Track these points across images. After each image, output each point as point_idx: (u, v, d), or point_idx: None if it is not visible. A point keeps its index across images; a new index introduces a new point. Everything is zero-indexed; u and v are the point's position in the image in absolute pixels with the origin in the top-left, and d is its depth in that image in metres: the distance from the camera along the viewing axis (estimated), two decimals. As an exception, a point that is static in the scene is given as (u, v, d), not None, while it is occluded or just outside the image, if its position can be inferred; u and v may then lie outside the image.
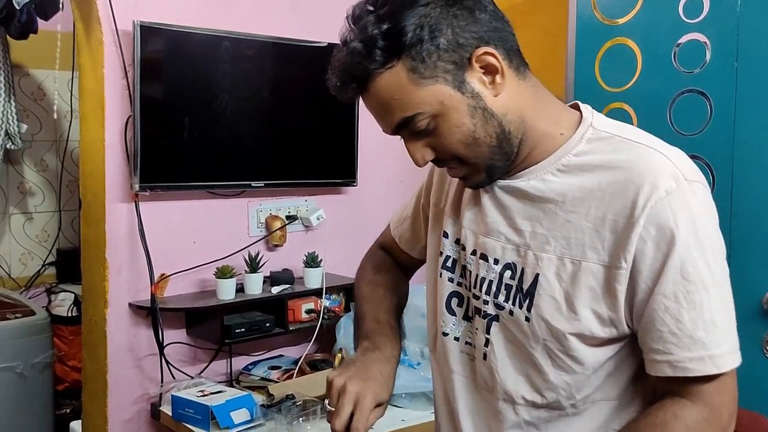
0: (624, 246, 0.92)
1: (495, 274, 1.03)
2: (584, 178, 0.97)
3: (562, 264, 0.97)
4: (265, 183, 2.51)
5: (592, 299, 0.95)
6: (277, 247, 2.61)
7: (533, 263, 0.99)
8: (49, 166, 3.50)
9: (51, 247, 3.51)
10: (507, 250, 1.02)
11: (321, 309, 2.52)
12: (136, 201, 2.26)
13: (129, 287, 2.32)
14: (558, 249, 0.97)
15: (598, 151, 0.97)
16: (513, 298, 1.01)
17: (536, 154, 1.01)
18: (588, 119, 1.01)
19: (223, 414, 2.08)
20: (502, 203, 1.04)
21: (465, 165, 0.99)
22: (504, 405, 1.04)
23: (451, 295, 1.11)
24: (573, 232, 0.96)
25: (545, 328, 0.98)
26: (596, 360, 0.98)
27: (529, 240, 1.00)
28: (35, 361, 2.86)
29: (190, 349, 2.45)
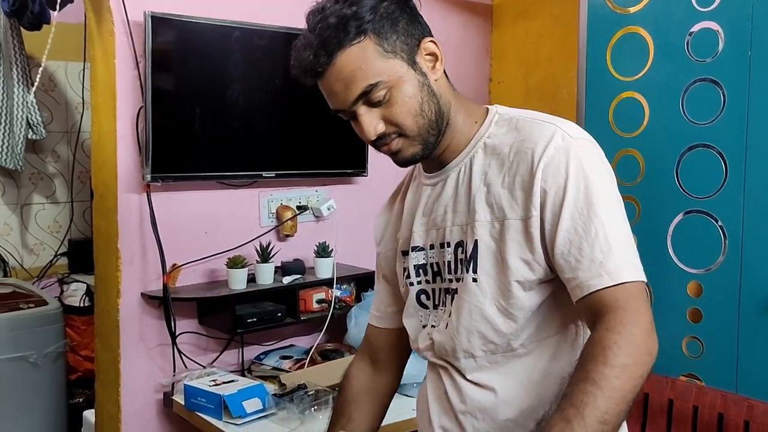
0: (530, 198, 1.09)
1: (451, 255, 1.19)
2: (497, 156, 1.15)
3: (492, 226, 1.13)
4: (275, 173, 2.51)
5: (519, 249, 1.10)
6: (288, 237, 2.61)
7: (471, 233, 1.15)
8: (61, 156, 3.51)
9: (63, 237, 3.53)
10: (455, 231, 1.19)
11: (332, 299, 2.53)
12: (147, 191, 2.27)
13: (141, 277, 2.33)
14: (487, 215, 1.14)
15: (506, 132, 1.16)
16: (465, 267, 1.16)
17: (455, 143, 1.19)
18: (493, 109, 1.21)
19: (235, 403, 2.09)
20: (438, 198, 1.21)
21: (405, 138, 1.13)
22: (465, 361, 1.18)
23: (419, 293, 1.26)
24: (495, 199, 1.13)
25: (492, 282, 1.13)
26: (533, 303, 1.12)
27: (467, 217, 1.17)
28: (48, 351, 2.88)
29: (202, 338, 2.46)
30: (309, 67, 1.10)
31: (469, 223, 1.16)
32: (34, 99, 3.08)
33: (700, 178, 2.17)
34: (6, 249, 3.39)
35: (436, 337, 1.21)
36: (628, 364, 0.97)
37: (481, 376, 1.17)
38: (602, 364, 0.97)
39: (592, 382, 0.96)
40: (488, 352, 1.16)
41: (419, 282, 1.26)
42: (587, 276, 1.04)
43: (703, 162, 2.15)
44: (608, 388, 0.96)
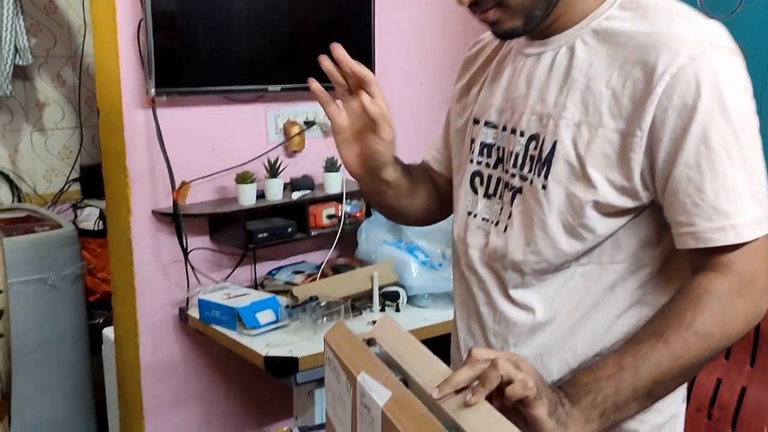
0: (641, 114, 0.91)
1: (521, 147, 1.03)
2: (610, 45, 0.95)
3: (579, 131, 0.96)
4: (282, 87, 2.48)
5: (606, 166, 0.94)
6: (296, 153, 2.60)
7: (552, 131, 0.99)
8: (67, 81, 3.49)
9: (74, 163, 3.54)
10: (532, 121, 1.02)
11: (342, 214, 2.53)
12: (153, 107, 2.25)
13: (151, 195, 2.34)
14: (576, 115, 0.96)
15: (629, 18, 0.95)
16: (534, 168, 1.01)
17: (567, 17, 1.00)
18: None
19: (248, 315, 2.12)
20: (528, 74, 1.04)
21: (505, 9, 0.97)
22: (512, 273, 1.05)
23: (473, 175, 1.12)
24: (592, 99, 0.95)
25: (562, 194, 0.97)
26: (608, 228, 0.97)
27: (552, 109, 0.99)
28: (65, 273, 2.92)
29: (214, 254, 2.48)
30: None
31: (552, 117, 0.99)
32: (22, 23, 3.02)
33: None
34: (19, 176, 3.41)
35: (493, 238, 1.07)
36: (714, 334, 0.89)
37: (523, 293, 1.05)
38: (685, 327, 0.88)
39: (665, 341, 0.88)
40: (539, 271, 1.02)
41: (479, 163, 1.12)
42: (707, 227, 0.89)
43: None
44: (680, 353, 0.88)
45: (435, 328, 2.21)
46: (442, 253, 2.47)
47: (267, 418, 2.69)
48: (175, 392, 2.50)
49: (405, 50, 2.81)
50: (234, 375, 2.58)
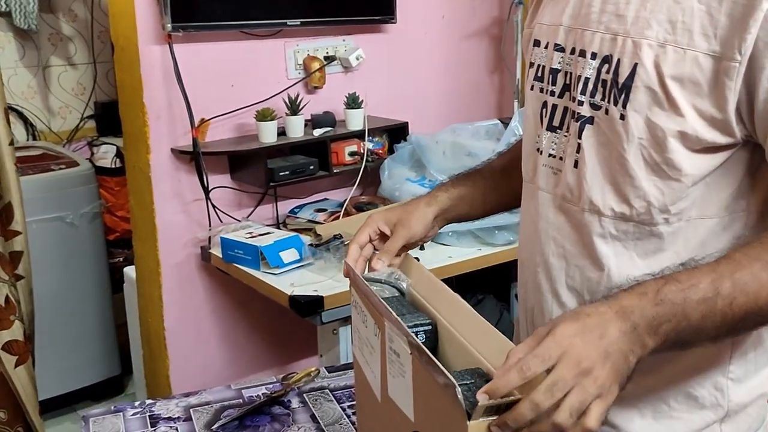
0: (741, 34, 0.78)
1: (592, 70, 0.91)
2: None
3: (664, 52, 0.84)
4: (301, 21, 2.40)
5: (696, 94, 0.83)
6: (317, 89, 2.54)
7: (631, 52, 0.86)
8: (78, 16, 3.40)
9: (88, 100, 3.48)
10: (605, 40, 0.90)
11: (364, 151, 2.48)
12: (169, 42, 2.19)
13: (169, 132, 2.29)
14: (661, 34, 0.84)
15: None
16: (608, 95, 0.89)
17: None
18: None
19: (272, 254, 2.10)
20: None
21: None
22: (589, 216, 0.93)
23: (539, 107, 1.01)
24: (681, 15, 0.83)
25: (642, 125, 0.86)
26: (697, 168, 0.86)
27: (630, 26, 0.87)
28: (84, 211, 2.90)
29: (235, 193, 2.45)
30: None
31: (630, 35, 0.87)
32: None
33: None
34: (32, 112, 3.36)
35: (565, 177, 0.96)
36: None
37: (600, 245, 0.93)
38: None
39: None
40: (618, 217, 0.91)
41: (543, 90, 1.00)
42: None
43: None
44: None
45: (460, 266, 2.19)
46: (467, 191, 2.42)
47: (290, 357, 2.70)
48: (198, 331, 2.51)
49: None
50: (257, 314, 2.58)
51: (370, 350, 0.97)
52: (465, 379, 0.77)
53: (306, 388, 1.39)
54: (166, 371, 2.47)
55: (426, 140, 2.48)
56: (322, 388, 1.39)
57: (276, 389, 1.37)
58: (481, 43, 2.90)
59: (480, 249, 2.25)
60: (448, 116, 2.78)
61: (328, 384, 1.41)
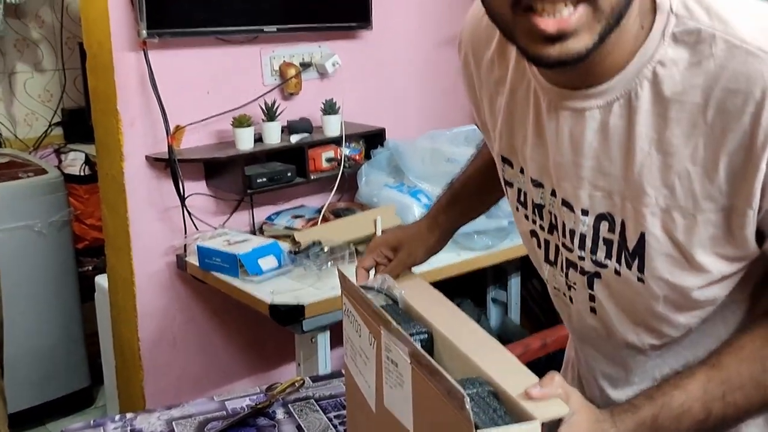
0: (748, 189, 0.74)
1: (587, 227, 0.85)
2: (680, 104, 0.74)
3: (670, 218, 0.78)
4: (277, 28, 2.38)
5: (714, 245, 0.78)
6: (293, 96, 2.53)
7: (634, 217, 0.80)
8: (46, 21, 3.34)
9: (55, 107, 3.42)
10: (595, 198, 0.83)
11: (341, 157, 2.47)
12: (144, 49, 2.15)
13: (144, 140, 2.26)
14: (661, 200, 0.78)
15: (691, 61, 0.74)
16: (617, 256, 0.83)
17: (614, 58, 0.76)
18: (663, 3, 0.75)
19: (251, 261, 2.08)
20: (571, 136, 0.82)
21: (593, 9, 0.69)
22: (627, 351, 0.92)
23: (530, 234, 0.96)
24: (677, 180, 0.76)
25: (665, 286, 0.82)
26: (725, 292, 0.84)
27: (622, 186, 0.80)
28: (52, 220, 2.84)
29: (211, 200, 2.42)
30: None
31: (627, 198, 0.80)
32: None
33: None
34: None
35: (582, 317, 0.93)
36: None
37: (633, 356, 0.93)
38: None
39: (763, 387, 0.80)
40: (658, 348, 0.90)
41: (533, 221, 0.94)
42: None
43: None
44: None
45: (441, 271, 2.18)
46: (445, 196, 2.43)
47: (267, 366, 2.68)
48: (173, 341, 2.46)
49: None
50: (233, 322, 2.55)
51: (364, 360, 0.95)
52: (468, 388, 0.77)
53: (291, 399, 1.37)
54: (140, 382, 2.42)
55: (404, 146, 2.48)
56: (307, 398, 1.38)
57: (260, 400, 1.35)
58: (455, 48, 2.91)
59: (459, 254, 2.25)
60: (425, 122, 2.79)
61: (313, 394, 1.39)
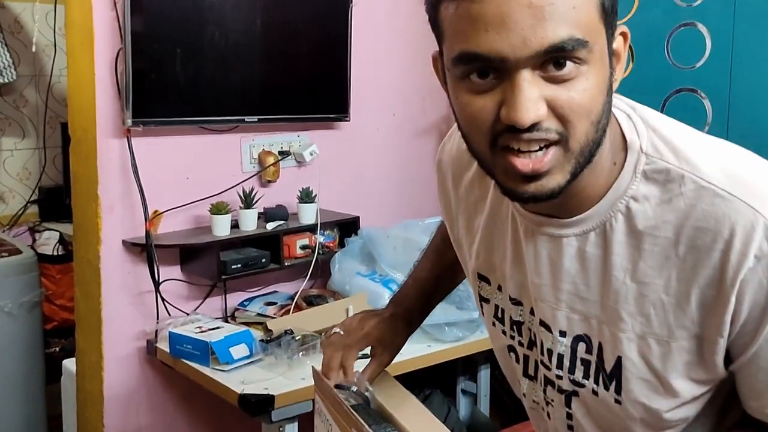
0: (719, 320, 0.78)
1: (565, 348, 0.88)
2: (653, 239, 0.79)
3: (646, 344, 0.82)
4: (258, 118, 2.46)
5: (688, 371, 0.83)
6: (271, 183, 2.58)
7: (611, 341, 0.84)
8: (29, 101, 3.40)
9: (34, 185, 3.44)
10: (573, 321, 0.87)
11: (316, 245, 2.51)
12: (128, 136, 2.21)
13: (122, 224, 2.28)
14: (637, 327, 0.82)
15: (661, 199, 0.79)
16: (594, 377, 0.87)
17: (588, 192, 0.82)
18: (634, 141, 0.81)
19: (222, 349, 2.08)
20: (550, 260, 0.87)
21: (565, 149, 0.74)
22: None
23: (507, 349, 0.99)
24: (652, 308, 0.81)
25: (641, 408, 0.86)
26: (696, 410, 0.88)
27: (599, 311, 0.84)
28: (23, 300, 2.82)
29: (184, 285, 2.43)
30: None
31: (604, 323, 0.85)
32: (2, 41, 2.96)
33: (684, 121, 2.19)
34: (-26, 197, 3.30)
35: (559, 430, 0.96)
36: None
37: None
38: None
39: None
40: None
41: (511, 337, 0.97)
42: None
43: (688, 106, 2.17)
44: None
45: (411, 362, 2.20)
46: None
47: (234, 454, 2.63)
48: (139, 428, 2.43)
49: (378, 83, 2.82)
50: (200, 410, 2.52)
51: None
52: None
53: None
54: (103, 469, 2.37)
55: (378, 235, 2.53)
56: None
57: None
58: (432, 139, 3.00)
59: (430, 345, 2.28)
60: (398, 211, 2.85)
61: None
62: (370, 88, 2.75)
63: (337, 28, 2.56)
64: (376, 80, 2.80)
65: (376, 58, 2.79)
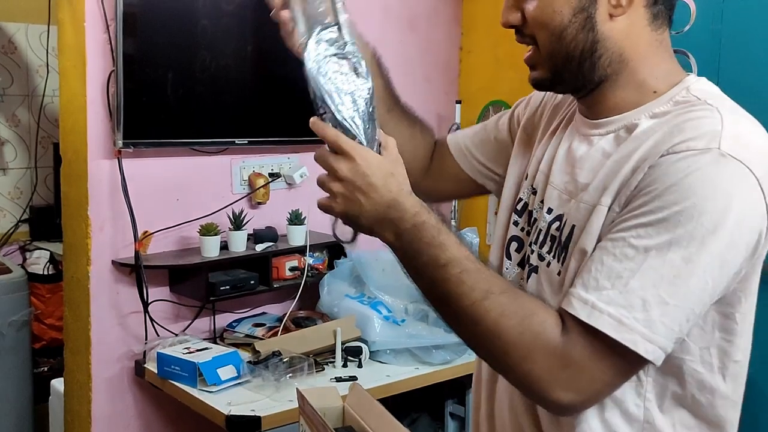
0: (623, 189, 0.88)
1: (545, 224, 0.98)
2: (649, 137, 0.89)
3: (595, 213, 0.90)
4: (248, 140, 2.48)
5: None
6: (261, 205, 2.60)
7: (574, 214, 0.94)
8: (22, 121, 3.42)
9: (25, 204, 3.45)
10: (562, 200, 0.97)
11: (305, 267, 2.53)
12: (119, 157, 2.23)
13: (112, 245, 2.29)
14: (595, 197, 0.91)
15: (677, 115, 0.89)
16: (554, 251, 0.96)
17: (625, 103, 0.94)
18: (687, 81, 0.93)
19: (210, 371, 2.08)
20: (576, 153, 0.98)
21: (537, 53, 0.94)
22: None
23: (511, 239, 1.08)
24: (613, 183, 0.90)
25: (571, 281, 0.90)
26: None
27: (580, 191, 0.94)
28: (13, 319, 2.83)
29: (173, 306, 2.44)
30: None
31: (577, 199, 0.95)
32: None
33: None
34: (-35, 216, 3.31)
35: None
36: (502, 336, 0.85)
37: None
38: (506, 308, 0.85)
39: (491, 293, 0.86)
40: None
41: (516, 223, 1.07)
42: (577, 290, 0.85)
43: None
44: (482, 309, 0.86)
45: (398, 385, 2.21)
46: (405, 308, 2.48)
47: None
48: (127, 448, 2.42)
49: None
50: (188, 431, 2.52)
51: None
52: None
53: None
54: (89, 491, 2.36)
55: (367, 257, 2.54)
56: None
57: None
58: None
59: (417, 368, 2.29)
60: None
61: None
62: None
63: (328, 52, 2.59)
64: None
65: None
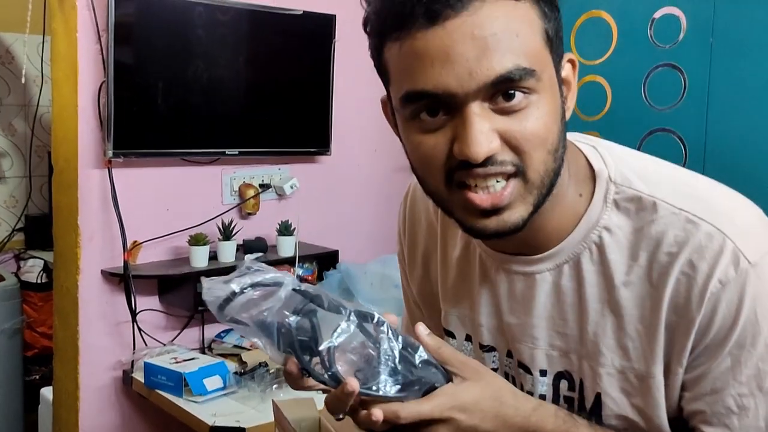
0: (681, 348, 0.77)
1: (547, 387, 0.85)
2: (629, 267, 0.78)
3: (626, 379, 0.80)
4: (239, 151, 2.49)
5: (665, 403, 0.81)
6: (251, 216, 2.60)
7: (591, 377, 0.82)
8: (18, 130, 3.43)
9: (20, 213, 3.46)
10: (553, 358, 0.84)
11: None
12: (109, 167, 2.23)
13: (101, 254, 2.30)
14: (616, 361, 0.80)
15: (636, 227, 0.78)
16: (576, 412, 0.84)
17: (555, 223, 0.81)
18: (602, 171, 0.81)
19: (196, 381, 2.08)
20: (523, 298, 0.85)
21: (523, 181, 0.73)
22: None
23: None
24: (630, 342, 0.79)
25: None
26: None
27: (579, 345, 0.82)
28: (5, 327, 2.83)
29: (162, 316, 2.44)
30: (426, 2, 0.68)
31: (585, 358, 0.82)
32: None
33: (660, 162, 2.22)
34: (-40, 224, 3.32)
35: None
36: None
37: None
38: None
39: None
40: None
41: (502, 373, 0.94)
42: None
43: (664, 147, 2.20)
44: None
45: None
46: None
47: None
48: (114, 458, 2.42)
49: (360, 118, 2.84)
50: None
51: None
52: None
53: None
54: (76, 501, 2.36)
55: (355, 269, 2.54)
56: None
57: None
58: (412, 176, 3.01)
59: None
60: (377, 246, 2.86)
61: None
62: (352, 124, 2.78)
63: (320, 63, 2.61)
64: (358, 115, 2.83)
65: (357, 94, 2.82)
